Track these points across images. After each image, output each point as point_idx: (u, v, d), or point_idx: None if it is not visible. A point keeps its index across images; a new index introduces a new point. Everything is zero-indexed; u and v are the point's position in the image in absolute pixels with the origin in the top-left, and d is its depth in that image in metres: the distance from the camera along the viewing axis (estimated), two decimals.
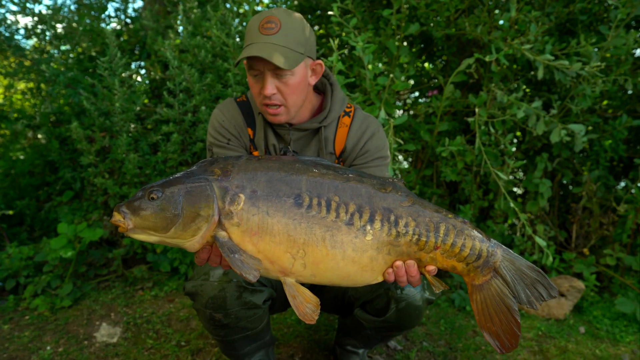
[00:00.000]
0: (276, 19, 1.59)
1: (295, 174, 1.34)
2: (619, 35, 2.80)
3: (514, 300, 1.39)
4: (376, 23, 3.18)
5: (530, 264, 1.40)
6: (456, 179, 3.07)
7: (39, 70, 3.62)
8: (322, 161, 1.42)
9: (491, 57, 2.69)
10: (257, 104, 1.72)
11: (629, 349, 2.62)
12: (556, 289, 1.40)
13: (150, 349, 2.40)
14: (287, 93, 1.64)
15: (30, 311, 2.75)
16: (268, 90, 1.61)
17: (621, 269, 3.18)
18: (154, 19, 3.92)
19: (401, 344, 2.53)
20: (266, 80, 1.60)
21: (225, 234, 1.30)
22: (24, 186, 3.75)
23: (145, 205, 1.27)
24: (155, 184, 1.31)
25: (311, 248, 1.30)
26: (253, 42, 1.58)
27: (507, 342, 1.39)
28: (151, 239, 1.30)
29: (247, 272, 1.25)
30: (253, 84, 1.66)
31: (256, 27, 1.59)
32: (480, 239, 1.38)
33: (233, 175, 1.32)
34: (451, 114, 3.27)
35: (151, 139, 3.24)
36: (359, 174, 1.41)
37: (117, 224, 1.27)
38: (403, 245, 1.35)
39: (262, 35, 1.57)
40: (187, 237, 1.29)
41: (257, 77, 1.64)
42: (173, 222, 1.26)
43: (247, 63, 1.64)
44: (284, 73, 1.60)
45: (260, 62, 1.58)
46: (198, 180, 1.31)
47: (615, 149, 3.19)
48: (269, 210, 1.29)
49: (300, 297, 1.34)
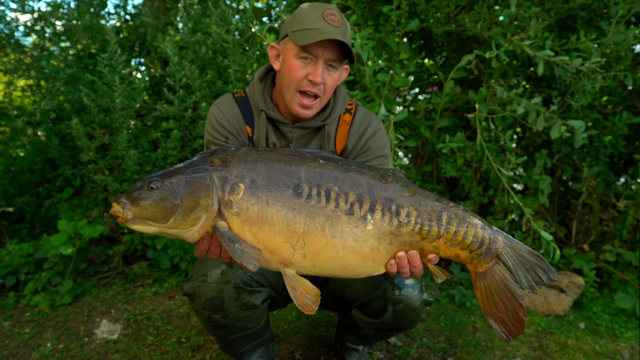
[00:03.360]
0: (337, 13, 1.60)
1: (295, 164, 1.34)
2: (619, 31, 2.80)
3: (517, 286, 1.40)
4: (376, 19, 3.17)
5: (530, 249, 1.42)
6: (456, 175, 3.07)
7: (39, 67, 3.62)
8: (322, 153, 1.42)
9: (491, 53, 2.68)
10: (289, 89, 1.65)
11: (629, 344, 2.62)
12: (555, 273, 1.41)
13: (150, 346, 2.41)
14: (329, 87, 1.64)
15: (30, 308, 2.76)
16: (319, 78, 1.60)
17: (621, 264, 3.18)
18: (154, 15, 3.92)
19: (401, 340, 2.53)
20: (319, 67, 1.59)
21: (225, 224, 1.29)
22: (24, 183, 3.75)
23: (145, 195, 1.27)
24: (155, 174, 1.32)
25: (311, 238, 1.30)
26: (318, 28, 1.56)
27: (512, 328, 1.41)
28: (150, 229, 1.30)
29: (248, 261, 1.25)
30: (299, 67, 1.61)
31: (318, 14, 1.58)
32: (482, 226, 1.39)
33: (233, 165, 1.32)
34: (451, 110, 3.27)
35: (151, 136, 3.24)
36: (359, 165, 1.41)
37: (116, 214, 1.27)
38: (405, 235, 1.35)
39: (328, 24, 1.57)
40: (187, 227, 1.29)
41: (308, 61, 1.61)
42: (172, 212, 1.26)
43: (300, 46, 1.59)
44: (338, 66, 1.61)
45: (321, 49, 1.57)
46: (198, 170, 1.31)
47: (615, 145, 3.19)
48: (268, 199, 1.29)
49: (300, 287, 1.34)
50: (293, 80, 1.63)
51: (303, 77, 1.62)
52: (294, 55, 1.61)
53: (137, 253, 3.33)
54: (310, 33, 1.55)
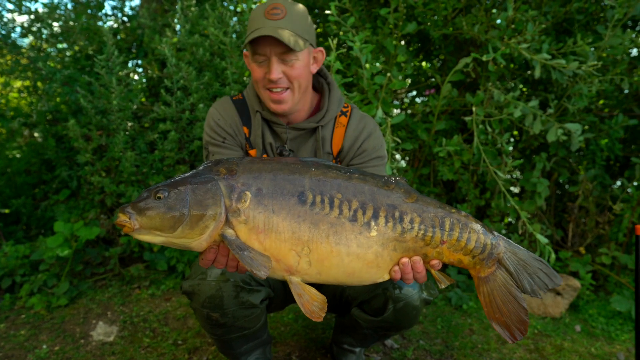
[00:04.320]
0: (281, 5, 1.61)
1: (299, 173, 1.35)
2: (615, 34, 2.81)
3: (519, 290, 1.41)
4: (374, 22, 3.18)
5: (532, 254, 1.43)
6: (453, 177, 3.08)
7: (36, 69, 3.61)
8: (324, 161, 1.43)
9: (488, 56, 2.69)
10: (259, 90, 1.71)
11: (624, 347, 2.63)
12: (559, 277, 1.42)
13: (146, 348, 2.40)
14: (293, 76, 1.65)
15: (26, 310, 2.75)
16: (274, 75, 1.61)
17: (617, 267, 3.19)
18: (151, 17, 3.92)
19: (398, 343, 2.53)
20: (272, 64, 1.61)
21: (232, 232, 1.29)
22: (20, 184, 3.74)
23: (152, 205, 1.26)
24: (161, 184, 1.31)
25: (316, 245, 1.31)
26: (259, 27, 1.58)
27: (516, 331, 1.43)
28: (156, 239, 1.29)
29: (257, 268, 1.25)
30: (256, 69, 1.66)
31: (261, 13, 1.61)
32: (484, 231, 1.41)
33: (239, 174, 1.32)
34: (448, 113, 3.28)
35: (148, 137, 3.23)
36: (362, 172, 1.42)
37: (122, 224, 1.25)
38: (409, 241, 1.36)
39: (268, 20, 1.58)
40: (195, 236, 1.28)
41: (262, 62, 1.64)
42: (180, 221, 1.26)
43: (251, 49, 1.64)
44: (290, 57, 1.61)
45: (267, 46, 1.59)
46: (204, 179, 1.31)
47: (611, 148, 3.20)
48: (274, 207, 1.30)
49: (306, 295, 1.34)
50: (257, 82, 1.69)
51: (263, 77, 1.66)
52: (251, 59, 1.68)
53: (133, 255, 3.32)
54: (255, 32, 1.59)
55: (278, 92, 1.66)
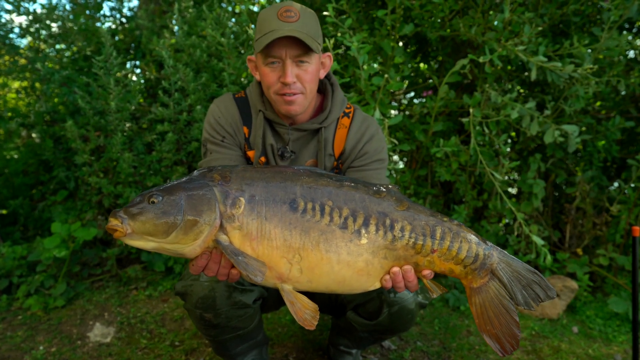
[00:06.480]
0: (294, 8, 1.59)
1: (290, 180, 1.35)
2: (611, 37, 2.82)
3: (512, 302, 1.39)
4: (371, 23, 3.19)
5: (527, 266, 1.41)
6: (451, 179, 3.08)
7: (34, 69, 3.61)
8: (316, 170, 1.43)
9: (485, 58, 2.70)
10: (271, 96, 1.68)
11: (622, 348, 2.64)
12: (554, 290, 1.40)
13: (144, 349, 2.40)
14: (306, 81, 1.63)
15: (23, 311, 2.74)
16: (290, 78, 1.59)
17: (614, 269, 3.20)
18: (150, 18, 3.92)
19: (395, 344, 2.53)
20: (287, 66, 1.59)
21: (226, 238, 1.29)
22: (17, 185, 3.74)
23: (146, 210, 1.25)
24: (155, 189, 1.30)
25: (306, 252, 1.31)
26: (273, 29, 1.55)
27: (507, 344, 1.40)
28: (148, 245, 1.27)
29: (253, 273, 1.25)
30: (269, 72, 1.63)
31: (273, 15, 1.58)
32: (477, 241, 1.39)
33: (232, 180, 1.32)
34: (446, 115, 3.28)
35: (146, 138, 3.23)
36: (353, 180, 1.42)
37: (114, 228, 1.24)
38: (400, 249, 1.36)
39: (283, 23, 1.56)
40: (188, 242, 1.27)
41: (276, 64, 1.61)
42: (174, 227, 1.25)
43: (263, 52, 1.60)
44: (305, 60, 1.60)
45: (283, 47, 1.57)
46: (199, 185, 1.30)
47: (608, 150, 3.21)
48: (266, 214, 1.30)
49: (298, 303, 1.34)
50: (269, 87, 1.65)
51: (276, 81, 1.62)
52: (262, 62, 1.64)
53: (131, 256, 3.32)
54: (271, 34, 1.56)
55: (290, 95, 1.64)
